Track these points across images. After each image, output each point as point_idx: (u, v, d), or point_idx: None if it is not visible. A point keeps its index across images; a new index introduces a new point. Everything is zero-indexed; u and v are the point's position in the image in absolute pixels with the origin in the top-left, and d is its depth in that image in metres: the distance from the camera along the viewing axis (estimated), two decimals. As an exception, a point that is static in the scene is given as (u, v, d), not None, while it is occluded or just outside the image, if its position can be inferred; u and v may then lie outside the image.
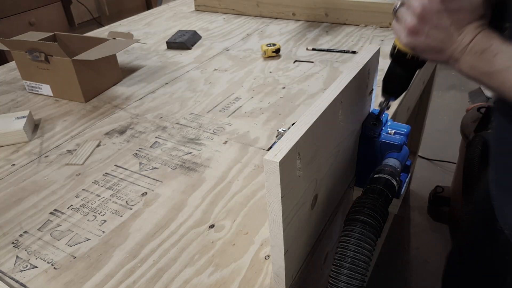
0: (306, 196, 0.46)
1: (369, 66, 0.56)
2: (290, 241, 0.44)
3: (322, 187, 0.51)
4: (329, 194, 0.55)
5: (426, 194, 1.76)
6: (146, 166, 0.69)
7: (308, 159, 0.44)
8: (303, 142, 0.41)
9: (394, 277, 1.45)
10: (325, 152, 0.49)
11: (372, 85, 0.62)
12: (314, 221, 0.52)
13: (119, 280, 0.49)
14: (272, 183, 0.38)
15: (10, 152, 0.75)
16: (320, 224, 0.55)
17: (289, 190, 0.40)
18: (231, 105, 0.86)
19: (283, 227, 0.41)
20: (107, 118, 0.84)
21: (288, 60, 1.05)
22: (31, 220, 0.59)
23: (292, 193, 0.42)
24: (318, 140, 0.46)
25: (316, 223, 0.53)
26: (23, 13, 2.23)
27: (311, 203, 0.49)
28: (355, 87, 0.53)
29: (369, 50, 0.57)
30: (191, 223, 0.57)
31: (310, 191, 0.47)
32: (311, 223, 0.51)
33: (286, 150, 0.38)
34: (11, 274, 0.51)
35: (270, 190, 0.39)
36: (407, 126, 0.63)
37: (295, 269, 0.49)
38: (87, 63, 0.88)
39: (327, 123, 0.47)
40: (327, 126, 0.47)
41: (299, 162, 0.41)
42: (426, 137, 1.91)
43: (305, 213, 0.48)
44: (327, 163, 0.51)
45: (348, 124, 0.55)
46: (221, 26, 1.35)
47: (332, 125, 0.49)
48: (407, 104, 0.95)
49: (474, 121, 1.39)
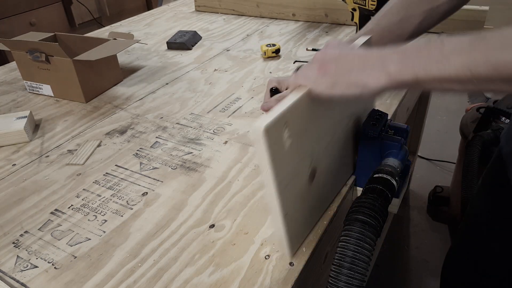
0: (301, 167, 0.48)
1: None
2: (287, 205, 0.46)
3: (320, 163, 0.53)
4: (331, 174, 0.58)
5: (426, 194, 1.76)
6: (146, 166, 0.69)
7: (298, 130, 0.46)
8: (292, 112, 0.44)
9: (394, 277, 1.45)
10: (319, 129, 0.51)
11: None
12: (317, 196, 0.55)
13: (120, 280, 0.49)
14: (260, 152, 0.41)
15: (11, 152, 0.75)
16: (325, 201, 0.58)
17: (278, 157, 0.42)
18: (231, 105, 0.86)
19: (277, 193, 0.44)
20: (108, 118, 0.84)
21: (288, 61, 1.05)
22: (32, 220, 0.59)
23: (283, 161, 0.44)
24: (310, 114, 0.48)
25: (320, 199, 0.56)
26: (24, 13, 2.24)
27: (309, 175, 0.51)
28: None
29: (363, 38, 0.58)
30: (192, 222, 0.57)
31: (305, 164, 0.49)
32: (314, 196, 0.53)
33: (271, 118, 0.41)
34: (12, 274, 0.51)
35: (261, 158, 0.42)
36: (406, 126, 0.63)
37: (302, 235, 0.52)
38: (87, 63, 0.88)
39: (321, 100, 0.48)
40: (320, 103, 0.49)
41: (287, 131, 0.43)
42: (425, 137, 1.91)
43: (303, 184, 0.50)
44: (323, 141, 0.53)
45: (345, 106, 0.57)
46: (221, 26, 1.35)
47: (328, 104, 0.51)
48: (406, 104, 0.95)
49: (473, 121, 1.39)
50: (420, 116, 1.61)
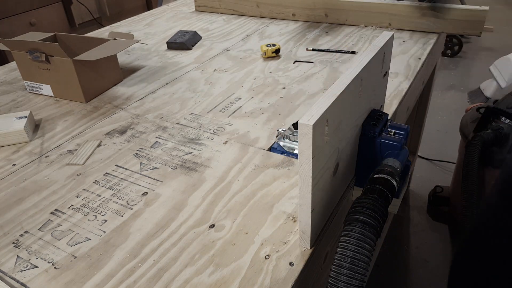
0: (330, 162, 0.51)
1: (384, 50, 0.62)
2: (316, 201, 0.49)
3: (342, 157, 0.55)
4: (346, 166, 0.60)
5: (426, 194, 1.76)
6: (146, 166, 0.69)
7: (334, 127, 0.49)
8: (331, 110, 0.46)
9: (394, 277, 1.45)
10: (346, 124, 0.54)
11: (387, 67, 0.67)
12: (335, 188, 0.57)
13: (120, 280, 0.49)
14: (305, 145, 0.43)
15: (11, 152, 0.75)
16: (338, 193, 0.60)
17: (318, 153, 0.45)
18: (231, 105, 0.86)
19: (311, 186, 0.46)
20: (108, 118, 0.84)
21: (288, 61, 1.05)
22: (32, 220, 0.59)
23: (320, 156, 0.46)
24: (342, 111, 0.50)
25: (336, 191, 0.58)
26: (24, 13, 2.24)
27: (334, 169, 0.54)
28: (372, 67, 0.58)
29: (385, 36, 0.62)
30: (192, 222, 0.57)
31: (333, 158, 0.52)
32: (333, 189, 0.56)
33: (318, 115, 0.43)
34: (12, 274, 0.51)
35: (302, 152, 0.44)
36: (406, 126, 0.63)
37: (318, 228, 0.54)
38: (87, 63, 0.88)
39: (349, 97, 0.52)
40: (349, 100, 0.52)
41: (327, 128, 0.46)
42: (425, 137, 1.91)
43: (328, 178, 0.52)
44: (348, 135, 0.56)
45: (365, 101, 0.60)
46: (221, 26, 1.35)
47: (354, 100, 0.54)
48: (406, 104, 0.95)
49: (473, 121, 1.39)
50: (420, 116, 1.62)
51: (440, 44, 1.30)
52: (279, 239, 0.53)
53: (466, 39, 3.23)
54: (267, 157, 0.70)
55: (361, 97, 0.56)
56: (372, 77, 0.60)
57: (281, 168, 0.67)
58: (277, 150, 0.71)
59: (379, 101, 0.69)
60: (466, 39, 3.25)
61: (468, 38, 3.30)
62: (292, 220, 0.56)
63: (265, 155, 0.70)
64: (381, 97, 0.69)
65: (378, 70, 0.63)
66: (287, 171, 0.66)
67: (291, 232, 0.54)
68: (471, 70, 2.90)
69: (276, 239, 0.53)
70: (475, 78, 2.75)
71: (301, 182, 0.47)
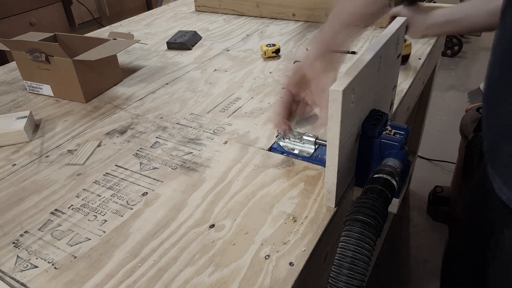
0: (353, 129, 0.56)
1: (398, 33, 0.67)
2: (341, 163, 0.53)
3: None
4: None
5: (426, 194, 1.76)
6: (146, 166, 0.69)
7: (358, 96, 0.53)
8: (356, 80, 0.50)
9: (394, 277, 1.45)
10: (367, 96, 0.59)
11: (401, 49, 0.72)
12: (354, 157, 0.61)
13: (120, 280, 0.49)
14: (335, 110, 0.48)
15: (11, 152, 0.75)
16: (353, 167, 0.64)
17: (345, 118, 0.49)
18: (231, 105, 0.86)
19: (338, 148, 0.51)
20: (108, 118, 0.84)
21: (288, 61, 1.05)
22: (32, 220, 0.59)
23: (346, 122, 0.51)
24: (364, 83, 0.55)
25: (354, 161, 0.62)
26: (24, 13, 2.24)
27: (356, 136, 0.58)
28: (389, 48, 0.64)
29: (398, 20, 0.68)
30: (192, 222, 0.57)
31: (356, 126, 0.57)
32: (353, 157, 0.60)
33: (346, 83, 0.47)
34: (12, 274, 0.51)
35: (332, 116, 0.48)
36: (406, 126, 0.63)
37: (341, 191, 0.58)
38: (87, 63, 0.88)
39: (370, 72, 0.56)
40: (370, 75, 0.57)
41: (353, 96, 0.50)
42: (425, 137, 1.91)
43: (351, 144, 0.57)
44: (367, 107, 0.61)
45: (382, 78, 0.65)
46: (221, 26, 1.35)
47: (373, 76, 0.59)
48: (406, 104, 0.95)
49: (473, 121, 1.39)
50: (420, 116, 1.62)
51: (440, 44, 1.30)
52: (279, 239, 0.53)
53: (466, 39, 3.23)
54: (267, 157, 0.70)
55: (379, 74, 0.61)
56: (388, 57, 0.65)
57: (281, 168, 0.67)
58: (277, 150, 0.71)
59: (393, 81, 0.74)
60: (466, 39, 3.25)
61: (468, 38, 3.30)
62: (292, 220, 0.56)
63: (265, 155, 0.70)
64: (395, 77, 0.75)
65: (393, 51, 0.68)
66: (287, 171, 0.66)
67: (291, 232, 0.54)
68: (471, 70, 2.90)
69: (276, 239, 0.53)
70: (475, 78, 2.75)
71: (329, 145, 0.51)
